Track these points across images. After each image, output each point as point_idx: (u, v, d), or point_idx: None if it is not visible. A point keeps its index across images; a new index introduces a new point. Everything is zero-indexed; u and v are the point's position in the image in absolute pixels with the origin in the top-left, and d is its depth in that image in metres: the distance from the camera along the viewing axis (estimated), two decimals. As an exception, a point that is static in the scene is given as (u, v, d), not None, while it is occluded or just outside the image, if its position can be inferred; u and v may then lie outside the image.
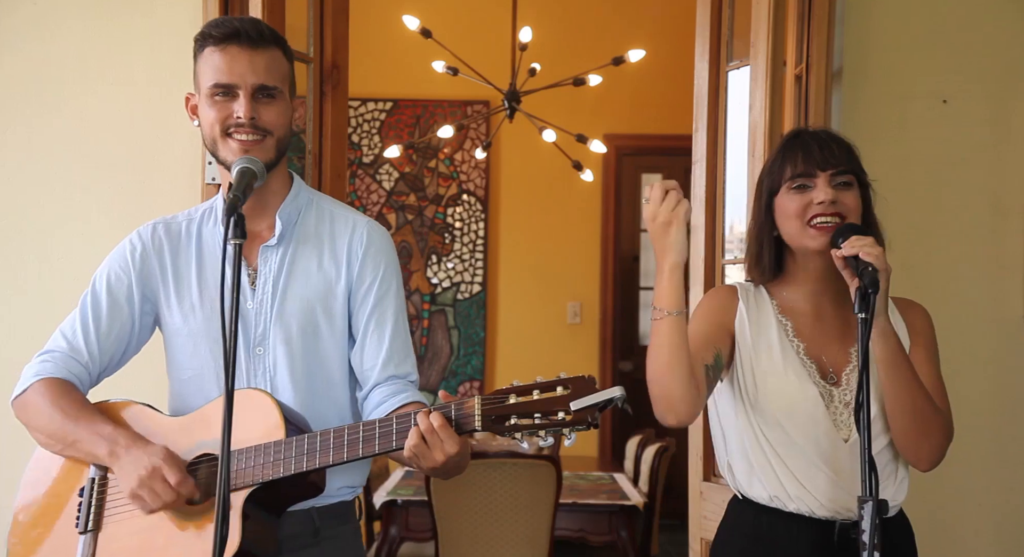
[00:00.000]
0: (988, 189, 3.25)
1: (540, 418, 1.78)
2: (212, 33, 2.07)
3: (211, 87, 2.06)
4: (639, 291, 7.55)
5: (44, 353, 2.15)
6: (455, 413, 1.85)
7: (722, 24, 3.17)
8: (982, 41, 3.23)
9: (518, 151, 6.99)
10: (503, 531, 4.31)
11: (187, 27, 3.08)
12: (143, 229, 2.20)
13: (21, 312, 3.21)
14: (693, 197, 3.23)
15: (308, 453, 1.91)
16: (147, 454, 1.97)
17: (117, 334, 2.15)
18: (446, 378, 7.05)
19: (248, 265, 2.12)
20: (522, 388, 1.82)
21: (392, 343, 2.13)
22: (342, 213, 2.20)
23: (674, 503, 5.23)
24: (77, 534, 2.06)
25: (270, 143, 2.07)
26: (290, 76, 2.14)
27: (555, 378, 1.81)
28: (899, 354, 2.00)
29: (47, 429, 2.08)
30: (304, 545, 2.07)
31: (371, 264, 2.14)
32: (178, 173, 3.15)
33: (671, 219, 1.97)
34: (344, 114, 3.46)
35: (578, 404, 1.77)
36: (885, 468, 2.05)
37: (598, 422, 1.79)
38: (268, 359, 2.10)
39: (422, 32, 5.47)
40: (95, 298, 2.17)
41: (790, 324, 2.13)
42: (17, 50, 3.24)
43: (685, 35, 3.51)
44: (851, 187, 2.08)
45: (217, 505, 1.71)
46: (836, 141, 2.12)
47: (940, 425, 2.04)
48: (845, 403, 2.07)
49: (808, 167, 2.07)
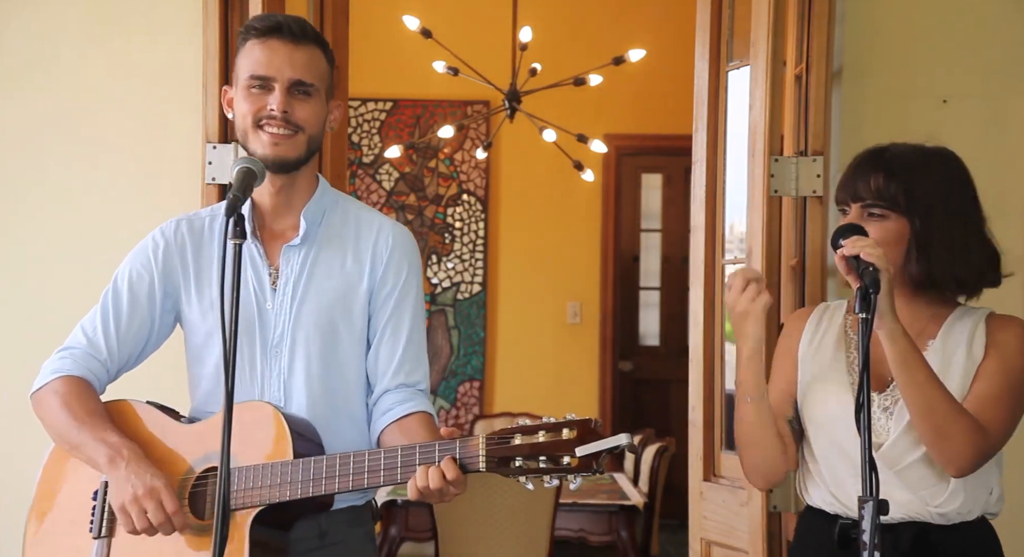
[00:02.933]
0: (988, 189, 3.24)
1: (545, 462, 1.79)
2: (255, 25, 2.07)
3: (248, 78, 2.05)
4: (639, 291, 7.55)
5: (64, 349, 2.15)
6: (460, 453, 1.84)
7: (722, 24, 3.17)
8: (982, 41, 3.22)
9: (518, 151, 6.99)
10: (503, 531, 4.30)
11: (187, 27, 3.08)
12: (166, 226, 2.19)
13: (21, 311, 3.20)
14: (693, 197, 3.22)
15: (315, 479, 1.90)
16: (149, 474, 1.95)
17: (137, 331, 2.14)
18: (446, 378, 7.05)
19: (270, 264, 2.11)
20: (527, 428, 1.81)
21: (406, 350, 2.12)
22: (368, 216, 2.19)
23: (674, 503, 5.24)
24: (91, 538, 2.05)
25: (301, 139, 2.06)
26: (329, 77, 2.12)
27: (561, 419, 1.81)
28: (910, 354, 1.97)
29: (55, 428, 2.08)
30: (310, 549, 2.05)
31: (395, 268, 2.13)
32: (178, 173, 3.14)
33: (749, 311, 1.99)
34: (344, 114, 3.46)
35: (584, 450, 1.77)
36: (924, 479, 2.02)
37: (603, 468, 1.80)
38: (284, 360, 2.08)
39: (422, 32, 5.47)
40: (116, 295, 2.15)
41: (856, 337, 2.10)
42: (15, 50, 3.24)
43: (685, 35, 3.50)
44: (885, 219, 2.05)
45: (217, 506, 1.71)
46: (889, 167, 2.06)
47: (964, 429, 1.97)
48: (884, 408, 2.05)
49: (843, 196, 2.08)
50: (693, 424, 3.08)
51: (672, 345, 7.38)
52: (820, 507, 2.10)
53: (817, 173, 2.87)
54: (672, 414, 7.10)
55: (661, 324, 7.55)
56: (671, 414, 7.11)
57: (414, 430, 2.06)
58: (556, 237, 7.10)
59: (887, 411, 2.05)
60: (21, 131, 3.24)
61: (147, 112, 3.19)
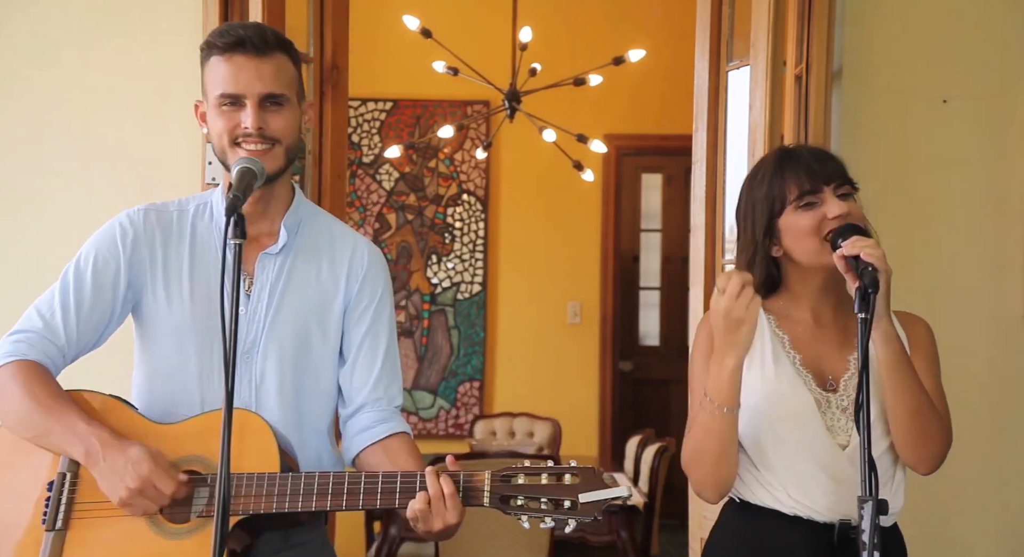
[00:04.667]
0: (988, 189, 3.25)
1: (547, 504, 1.84)
2: (217, 42, 2.04)
3: (218, 97, 2.04)
4: (639, 291, 7.55)
5: (17, 332, 2.07)
6: (463, 484, 1.88)
7: (722, 24, 3.17)
8: (982, 41, 3.23)
9: (518, 151, 6.99)
10: (503, 531, 4.30)
11: (187, 27, 3.09)
12: (134, 213, 2.15)
13: (19, 312, 3.20)
14: (693, 197, 3.23)
15: (304, 494, 1.90)
16: (129, 461, 1.91)
17: (98, 319, 2.08)
18: (446, 378, 7.05)
19: (244, 269, 2.08)
20: (531, 470, 1.86)
21: (384, 364, 2.13)
22: (341, 231, 2.20)
23: (674, 503, 5.23)
24: (43, 530, 1.97)
25: (279, 151, 2.07)
26: (297, 80, 2.12)
27: (564, 466, 1.87)
28: (902, 355, 2.00)
29: (16, 415, 1.99)
30: (275, 551, 2.05)
31: (371, 284, 2.14)
32: (178, 173, 3.15)
33: (745, 318, 1.96)
34: (344, 114, 3.46)
35: (587, 498, 1.84)
36: (885, 472, 2.05)
37: (601, 517, 1.85)
38: (256, 367, 2.08)
39: (422, 32, 5.47)
40: (78, 279, 2.09)
41: (787, 337, 2.12)
42: (15, 50, 3.24)
43: (685, 35, 3.51)
44: (850, 198, 2.08)
45: (216, 511, 1.70)
46: (828, 154, 2.13)
47: (941, 428, 2.04)
48: (842, 409, 2.06)
49: (814, 183, 2.07)
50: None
51: (672, 345, 7.38)
52: (774, 507, 2.08)
53: (817, 173, 2.86)
54: (672, 414, 7.10)
55: (661, 324, 7.55)
56: (671, 414, 7.12)
57: (397, 452, 2.09)
58: (556, 237, 7.10)
59: (845, 412, 2.05)
60: (21, 131, 3.24)
61: (147, 112, 3.20)
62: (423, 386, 7.02)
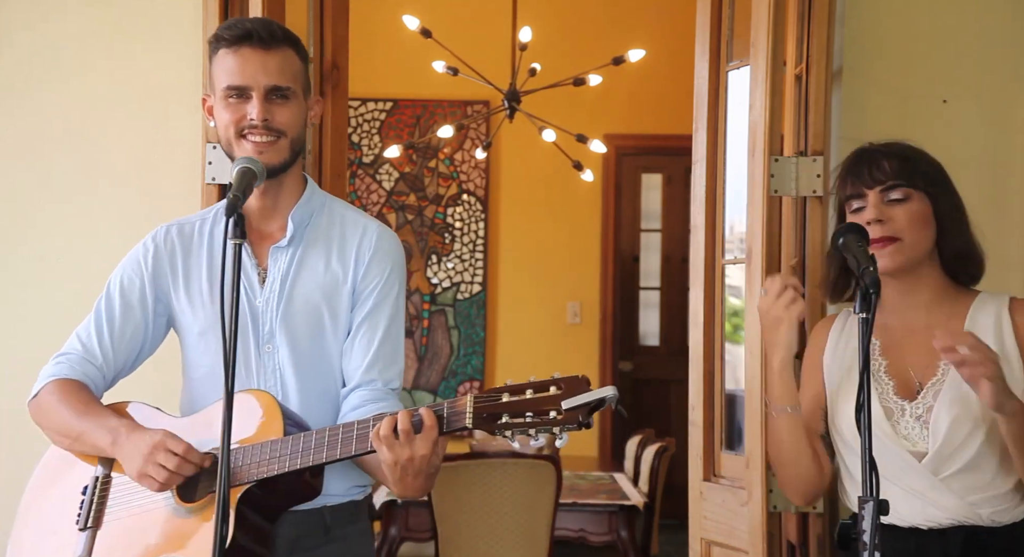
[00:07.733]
0: (988, 189, 3.24)
1: (531, 417, 1.78)
2: (224, 35, 2.10)
3: (224, 89, 2.08)
4: (639, 291, 7.56)
5: (60, 355, 2.19)
6: (447, 410, 1.87)
7: (722, 24, 3.17)
8: (982, 41, 3.22)
9: (518, 151, 6.99)
10: (503, 531, 4.31)
11: (187, 27, 3.08)
12: (156, 232, 2.23)
13: (18, 311, 3.20)
14: (693, 197, 3.22)
15: (303, 451, 1.92)
16: (148, 435, 2.00)
17: (131, 336, 2.19)
18: (446, 378, 7.05)
19: (258, 265, 2.14)
20: (515, 387, 1.82)
21: (380, 347, 2.13)
22: (353, 216, 2.21)
23: (674, 503, 5.23)
24: (77, 532, 2.07)
25: (284, 144, 2.09)
26: (303, 74, 2.15)
27: (549, 378, 1.81)
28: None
29: (56, 425, 2.12)
30: (316, 545, 2.08)
31: (377, 266, 2.15)
32: (178, 173, 3.14)
33: (783, 317, 1.96)
34: (344, 114, 3.46)
35: (569, 403, 1.76)
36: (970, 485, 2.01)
37: (590, 422, 1.78)
38: (277, 357, 2.11)
39: (422, 32, 5.47)
40: (108, 302, 2.19)
41: (878, 342, 2.09)
42: (14, 44, 3.24)
43: (685, 35, 3.50)
44: (905, 201, 2.05)
45: (217, 505, 1.72)
46: (892, 154, 2.09)
47: None
48: (916, 417, 2.03)
49: (857, 187, 2.06)
50: (693, 424, 3.08)
51: (672, 345, 7.39)
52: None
53: (817, 173, 2.87)
54: (672, 414, 7.10)
55: (661, 324, 7.55)
56: (671, 414, 7.12)
57: None
58: (556, 237, 7.10)
59: (920, 420, 2.03)
60: (21, 131, 3.24)
61: (147, 112, 3.19)
62: (423, 386, 7.03)
